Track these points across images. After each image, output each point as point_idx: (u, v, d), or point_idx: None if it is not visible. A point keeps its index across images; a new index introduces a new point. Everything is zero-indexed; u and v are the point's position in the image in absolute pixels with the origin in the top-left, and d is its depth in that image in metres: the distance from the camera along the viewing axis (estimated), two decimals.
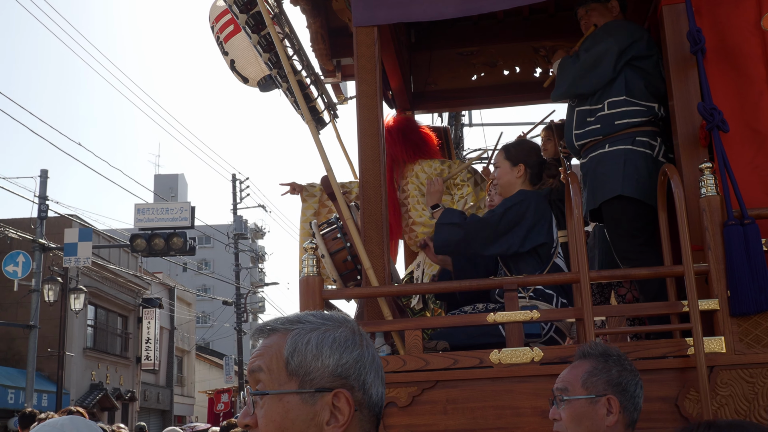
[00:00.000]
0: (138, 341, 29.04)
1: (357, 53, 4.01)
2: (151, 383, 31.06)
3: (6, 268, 18.56)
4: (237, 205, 31.61)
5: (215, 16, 6.09)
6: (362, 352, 1.44)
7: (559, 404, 2.37)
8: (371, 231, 3.79)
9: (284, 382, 1.39)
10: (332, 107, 5.90)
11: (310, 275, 3.55)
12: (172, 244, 17.60)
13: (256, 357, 1.44)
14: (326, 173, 4.03)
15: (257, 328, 1.50)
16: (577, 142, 4.18)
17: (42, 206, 19.01)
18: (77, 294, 20.09)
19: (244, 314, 31.82)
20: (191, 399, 37.32)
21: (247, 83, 6.21)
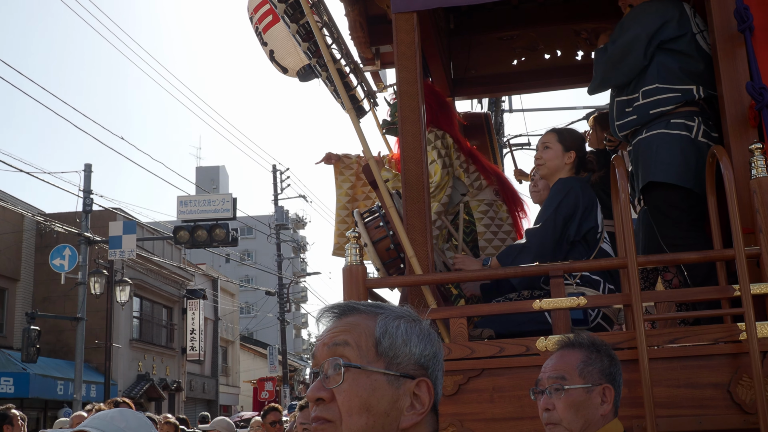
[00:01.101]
0: (183, 332, 29.40)
1: (396, 40, 3.98)
2: (196, 373, 31.45)
3: (53, 262, 18.89)
4: (278, 196, 31.78)
5: (254, 7, 6.09)
6: (438, 349, 1.47)
7: (553, 393, 2.34)
8: (414, 219, 3.76)
9: (372, 361, 1.39)
10: (372, 95, 5.87)
11: (353, 264, 3.54)
12: (214, 235, 17.72)
13: (339, 332, 1.43)
14: (367, 161, 4.01)
15: (331, 306, 1.50)
16: (620, 132, 4.13)
17: (86, 200, 19.29)
18: (123, 286, 20.37)
19: (287, 304, 32.02)
20: (236, 389, 37.71)
21: (287, 73, 6.21)
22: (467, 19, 5.83)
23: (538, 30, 5.81)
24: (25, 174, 16.48)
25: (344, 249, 5.44)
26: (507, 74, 5.90)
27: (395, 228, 3.81)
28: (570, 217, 3.79)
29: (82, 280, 19.12)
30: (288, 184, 32.12)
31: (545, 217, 3.83)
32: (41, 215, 21.80)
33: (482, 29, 5.84)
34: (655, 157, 3.86)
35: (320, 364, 1.43)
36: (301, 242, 48.14)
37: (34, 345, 17.45)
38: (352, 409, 1.37)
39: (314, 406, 1.41)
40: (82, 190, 19.24)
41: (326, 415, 1.39)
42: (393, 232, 3.96)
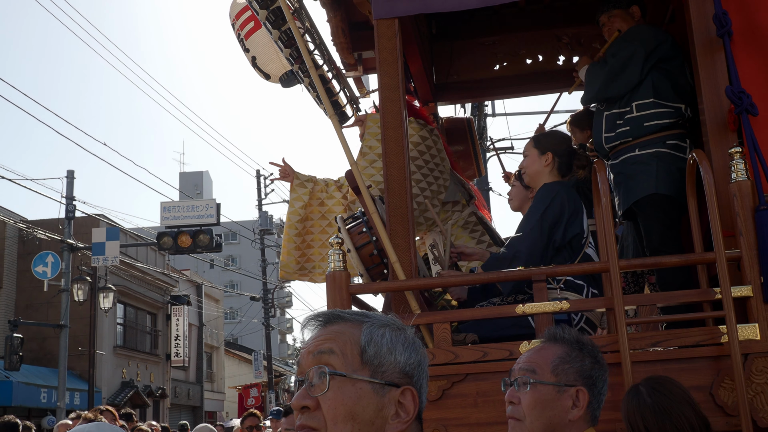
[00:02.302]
0: (167, 338, 29.27)
1: (378, 46, 3.98)
2: (181, 380, 31.31)
3: (36, 269, 18.78)
4: (262, 201, 31.71)
5: (235, 14, 6.09)
6: (423, 358, 1.48)
7: (521, 386, 2.13)
8: (397, 224, 3.77)
9: (357, 369, 1.40)
10: (355, 101, 5.88)
11: (336, 270, 3.54)
12: (198, 241, 17.69)
13: (324, 340, 1.44)
14: (350, 167, 4.01)
15: (316, 314, 1.51)
16: (606, 144, 4.27)
17: (69, 206, 19.18)
18: (106, 293, 20.27)
19: (272, 309, 31.93)
20: (221, 395, 37.56)
21: (269, 79, 6.22)
22: (449, 24, 5.85)
23: (519, 35, 5.84)
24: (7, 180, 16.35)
25: (291, 270, 5.44)
26: (489, 79, 5.92)
27: (378, 233, 3.81)
28: (555, 223, 3.79)
29: (65, 287, 18.99)
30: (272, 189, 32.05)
31: (531, 225, 3.84)
32: (23, 222, 21.66)
33: (464, 35, 5.86)
34: (657, 171, 4.01)
35: (305, 372, 1.43)
36: None
37: (17, 353, 17.32)
38: (338, 417, 1.37)
39: (299, 414, 1.41)
40: (65, 196, 19.14)
41: (311, 423, 1.39)
42: (376, 237, 3.96)
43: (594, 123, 4.42)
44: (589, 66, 4.41)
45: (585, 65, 4.45)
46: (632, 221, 4.45)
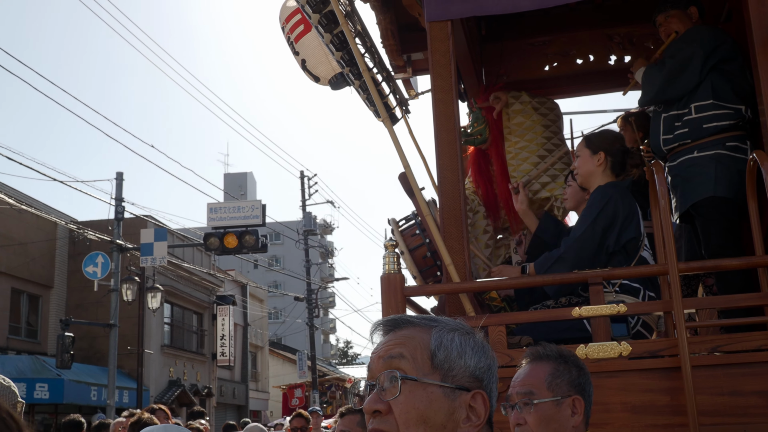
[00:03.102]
0: (213, 338, 29.59)
1: (431, 48, 3.99)
2: (226, 379, 31.62)
3: (86, 269, 19.10)
4: (306, 202, 31.88)
5: (285, 17, 6.13)
6: (493, 362, 1.48)
7: (523, 408, 2.30)
8: (451, 226, 3.76)
9: (428, 373, 1.42)
10: (404, 103, 5.88)
11: (391, 272, 3.55)
12: (244, 241, 17.83)
13: (394, 344, 1.45)
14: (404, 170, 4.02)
15: (385, 320, 1.52)
16: (665, 146, 4.22)
17: (118, 208, 19.50)
18: (154, 293, 20.55)
19: (316, 309, 32.10)
20: (266, 394, 37.86)
21: (319, 82, 6.24)
22: (499, 25, 5.82)
23: (570, 35, 5.79)
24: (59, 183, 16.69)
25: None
26: (539, 79, 5.87)
27: (432, 236, 3.82)
28: (608, 228, 3.76)
29: (114, 287, 19.31)
30: (316, 190, 32.19)
31: (583, 229, 3.81)
32: (74, 223, 22.05)
33: (514, 35, 5.83)
34: (717, 173, 3.96)
35: (376, 376, 1.44)
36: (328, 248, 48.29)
37: (69, 351, 17.64)
38: (410, 421, 1.39)
39: (371, 417, 1.43)
40: (114, 198, 19.46)
41: (384, 427, 1.40)
42: (429, 239, 3.97)
43: (652, 125, 4.37)
44: (646, 68, 4.37)
45: (641, 67, 4.40)
46: (689, 224, 4.39)
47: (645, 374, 3.23)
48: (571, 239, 3.86)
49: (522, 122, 5.00)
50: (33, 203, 20.52)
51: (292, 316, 39.06)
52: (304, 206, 32.00)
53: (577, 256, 3.77)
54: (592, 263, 3.76)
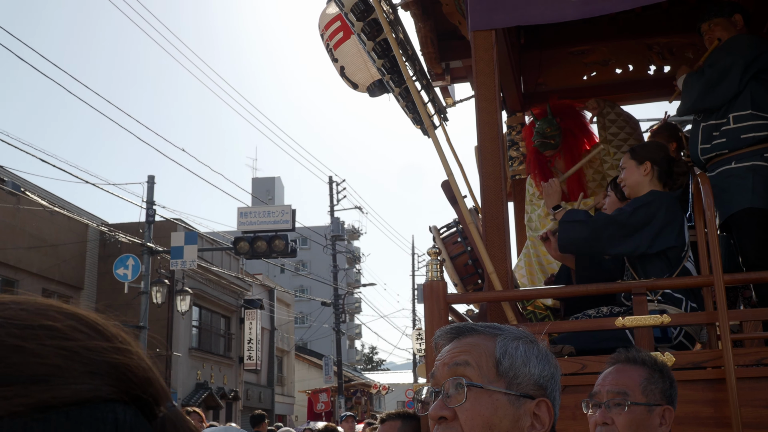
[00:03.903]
0: (240, 341, 29.70)
1: (475, 57, 4.01)
2: (253, 383, 31.73)
3: (117, 271, 19.27)
4: (334, 207, 31.97)
5: (324, 24, 6.19)
6: (556, 370, 1.49)
7: (613, 408, 2.22)
8: (493, 235, 3.78)
9: (493, 381, 1.44)
10: (442, 111, 5.92)
11: (434, 279, 3.57)
12: (274, 246, 17.92)
13: (459, 352, 1.47)
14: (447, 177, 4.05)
15: (450, 328, 1.54)
16: (702, 156, 4.20)
17: (149, 211, 19.66)
18: (183, 296, 20.70)
19: (342, 315, 32.14)
20: (291, 398, 37.95)
21: (357, 89, 6.30)
22: (538, 34, 5.84)
23: (609, 44, 5.80)
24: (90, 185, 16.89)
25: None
26: (578, 88, 5.89)
27: (474, 244, 3.84)
28: (643, 224, 3.74)
29: (144, 289, 19.47)
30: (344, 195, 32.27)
31: (620, 210, 3.84)
32: (105, 225, 22.27)
33: (553, 44, 5.85)
34: (753, 184, 3.95)
35: (441, 383, 1.47)
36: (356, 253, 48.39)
37: None
38: (475, 428, 1.41)
39: (436, 424, 1.45)
40: (146, 201, 19.62)
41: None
42: (471, 247, 3.98)
43: (690, 134, 4.37)
44: (686, 76, 4.35)
45: (684, 74, 4.39)
46: (726, 235, 4.38)
47: (688, 385, 3.22)
48: (604, 215, 3.90)
49: (617, 133, 5.03)
50: (65, 205, 20.76)
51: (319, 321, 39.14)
52: (332, 211, 32.08)
53: (600, 227, 3.79)
54: (608, 244, 3.76)
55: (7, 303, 0.52)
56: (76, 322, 0.53)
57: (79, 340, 0.52)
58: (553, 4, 3.96)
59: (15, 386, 0.46)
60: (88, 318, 0.55)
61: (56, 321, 0.52)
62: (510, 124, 5.84)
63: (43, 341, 0.49)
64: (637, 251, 3.77)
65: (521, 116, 5.90)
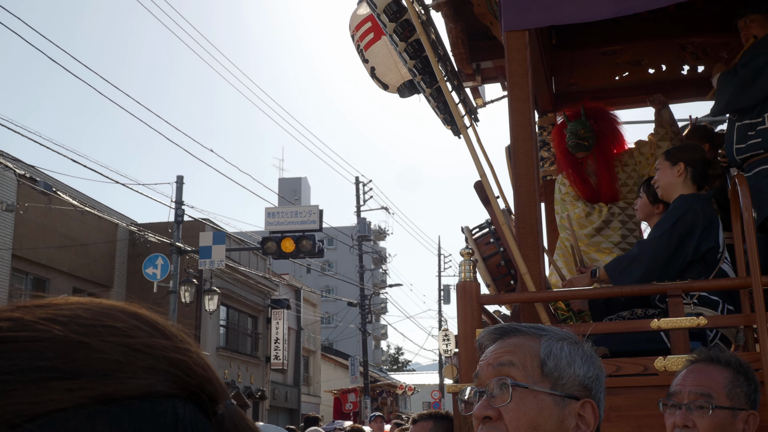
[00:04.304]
0: (267, 341, 29.83)
1: (508, 58, 3.99)
2: (279, 382, 31.86)
3: (146, 271, 19.44)
4: (360, 208, 32.01)
5: (355, 25, 6.20)
6: (601, 372, 1.49)
7: (695, 410, 2.13)
8: (526, 236, 3.77)
9: (538, 381, 1.44)
10: (473, 112, 5.91)
11: (467, 280, 3.57)
12: (301, 246, 17.99)
13: (504, 352, 1.48)
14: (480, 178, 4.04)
15: (494, 328, 1.55)
16: (738, 156, 4.16)
17: (178, 211, 19.81)
18: (211, 295, 20.83)
19: (368, 315, 32.18)
20: (317, 398, 38.04)
21: (387, 89, 6.30)
22: (570, 34, 5.80)
23: (642, 44, 5.75)
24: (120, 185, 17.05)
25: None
26: (610, 89, 5.85)
27: (507, 245, 3.82)
28: (687, 235, 3.72)
29: (173, 288, 19.62)
30: (371, 196, 32.30)
31: (661, 232, 3.78)
32: (134, 225, 22.46)
33: (585, 44, 5.81)
34: None
35: (485, 383, 1.47)
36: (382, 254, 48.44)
37: None
38: (520, 428, 1.41)
39: (481, 424, 1.46)
40: (174, 201, 19.77)
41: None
42: (503, 248, 3.97)
43: (726, 133, 4.33)
44: (719, 75, 4.31)
45: (719, 73, 4.35)
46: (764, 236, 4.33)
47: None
48: (647, 241, 3.84)
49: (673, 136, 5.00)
50: (95, 205, 20.97)
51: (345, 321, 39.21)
52: (358, 212, 32.12)
53: (652, 258, 3.73)
54: (667, 267, 3.73)
55: (73, 303, 0.54)
56: (138, 322, 0.56)
57: (140, 337, 0.54)
58: (586, 3, 3.93)
59: (80, 379, 0.48)
60: (150, 318, 0.57)
61: (119, 320, 0.54)
62: (541, 125, 5.81)
63: (106, 338, 0.51)
64: (684, 262, 3.75)
65: (552, 117, 5.86)
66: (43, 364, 0.48)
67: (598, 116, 5.09)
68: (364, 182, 32.22)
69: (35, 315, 0.51)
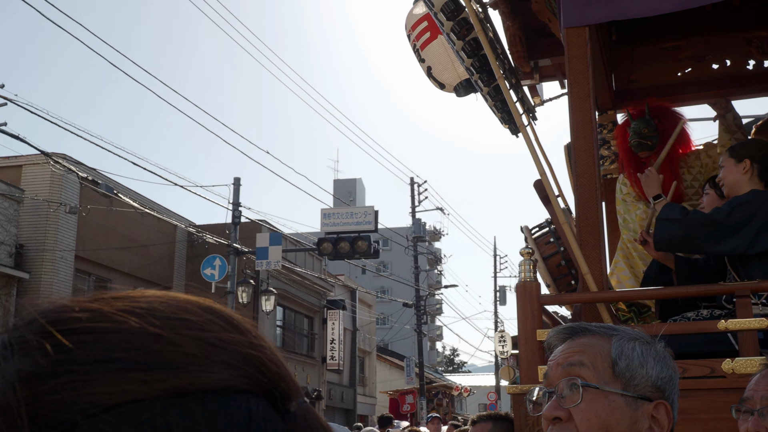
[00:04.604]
0: (323, 341, 30.00)
1: (568, 55, 3.93)
2: (335, 382, 32.00)
3: (204, 271, 19.72)
4: (415, 208, 31.98)
5: (411, 24, 6.19)
6: (674, 372, 1.46)
7: (767, 416, 2.06)
8: (587, 235, 3.71)
9: (609, 382, 1.41)
10: (531, 110, 5.84)
11: (527, 280, 3.53)
12: (357, 247, 18.06)
13: (574, 352, 1.46)
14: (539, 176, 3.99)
15: (563, 328, 1.53)
16: None
17: (235, 212, 20.05)
18: (268, 296, 21.04)
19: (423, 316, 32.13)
20: (373, 399, 38.12)
21: (444, 89, 6.28)
22: (630, 29, 5.70)
23: (705, 39, 5.61)
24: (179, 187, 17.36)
25: None
26: (672, 85, 5.72)
27: (567, 244, 3.77)
28: (744, 222, 3.62)
29: (230, 289, 19.85)
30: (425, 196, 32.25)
31: (716, 210, 3.72)
32: (193, 226, 22.79)
33: (646, 40, 5.70)
34: None
35: (554, 384, 1.44)
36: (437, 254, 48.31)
37: None
38: (591, 429, 1.38)
39: (550, 425, 1.43)
40: (232, 202, 20.01)
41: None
42: (564, 248, 3.92)
43: None
44: None
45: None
46: None
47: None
48: (701, 214, 3.79)
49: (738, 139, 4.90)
50: (155, 207, 21.33)
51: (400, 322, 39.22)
52: (413, 213, 32.10)
53: (695, 227, 3.70)
54: (704, 244, 3.65)
55: (150, 296, 0.54)
56: (213, 316, 0.55)
57: (215, 332, 0.53)
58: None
59: (155, 371, 0.49)
60: (224, 312, 0.56)
61: (194, 314, 0.54)
62: (601, 123, 5.71)
63: (181, 331, 0.51)
64: (736, 252, 3.65)
65: (612, 114, 5.76)
66: (120, 355, 0.49)
67: (662, 115, 4.99)
68: (419, 183, 32.20)
69: (113, 306, 0.51)
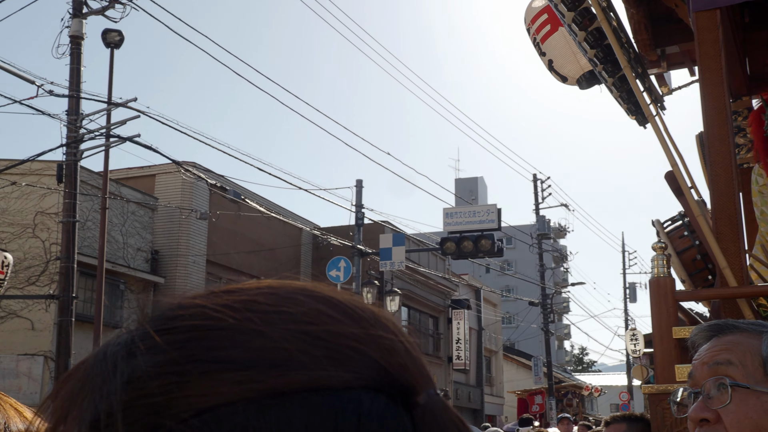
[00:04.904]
0: (448, 341, 29.99)
1: (698, 39, 3.77)
2: (462, 382, 31.93)
3: (330, 273, 20.04)
4: (539, 205, 31.53)
5: (531, 18, 6.09)
6: None
7: None
8: (724, 227, 3.53)
9: (760, 381, 1.33)
10: (658, 100, 5.64)
11: (660, 276, 3.39)
12: (480, 246, 17.95)
13: (720, 350, 1.38)
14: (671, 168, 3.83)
15: (708, 325, 1.46)
16: None
17: (358, 214, 20.31)
18: (393, 296, 21.19)
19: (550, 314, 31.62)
20: (500, 399, 37.80)
21: (566, 82, 6.14)
22: (764, 10, 5.41)
23: None
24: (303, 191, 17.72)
25: None
26: None
27: (703, 237, 3.60)
28: None
29: (356, 290, 20.11)
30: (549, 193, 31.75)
31: None
32: (317, 229, 23.23)
33: None
34: None
35: (700, 384, 1.37)
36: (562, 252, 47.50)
37: None
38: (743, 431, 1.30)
39: (697, 426, 1.36)
40: (354, 204, 20.28)
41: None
42: (699, 241, 3.75)
43: None
44: None
45: None
46: None
47: None
48: None
49: None
50: (280, 211, 21.86)
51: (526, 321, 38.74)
52: (537, 210, 31.67)
53: None
54: None
55: (254, 289, 0.51)
56: (324, 306, 0.50)
57: (322, 324, 0.48)
58: None
59: (250, 371, 0.45)
60: (339, 300, 0.51)
61: (300, 305, 0.49)
62: (735, 110, 5.44)
63: (281, 326, 0.47)
64: None
65: (747, 100, 5.48)
66: (215, 355, 0.46)
67: None
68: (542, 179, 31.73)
69: (214, 302, 0.48)
